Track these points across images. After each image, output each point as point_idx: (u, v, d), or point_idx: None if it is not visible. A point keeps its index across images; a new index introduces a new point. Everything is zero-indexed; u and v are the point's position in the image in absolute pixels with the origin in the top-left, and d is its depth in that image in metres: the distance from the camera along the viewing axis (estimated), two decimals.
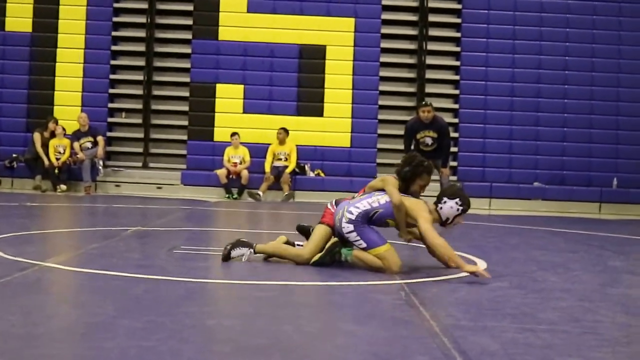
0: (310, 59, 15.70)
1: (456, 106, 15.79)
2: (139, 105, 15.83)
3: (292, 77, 15.70)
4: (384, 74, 15.87)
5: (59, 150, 14.69)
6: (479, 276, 5.16)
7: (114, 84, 15.99)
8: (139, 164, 15.67)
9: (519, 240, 8.97)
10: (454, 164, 15.09)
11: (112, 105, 15.87)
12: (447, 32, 16.18)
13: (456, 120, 15.60)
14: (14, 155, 14.96)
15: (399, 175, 5.76)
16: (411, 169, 5.72)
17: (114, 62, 15.88)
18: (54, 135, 14.78)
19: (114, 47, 15.90)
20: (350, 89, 15.69)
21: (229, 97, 15.63)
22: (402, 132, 11.64)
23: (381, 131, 15.68)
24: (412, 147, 11.10)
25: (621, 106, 15.67)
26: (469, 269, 5.19)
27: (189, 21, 15.94)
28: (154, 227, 8.65)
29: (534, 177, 15.41)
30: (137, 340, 3.29)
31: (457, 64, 15.92)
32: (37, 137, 14.67)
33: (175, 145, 15.87)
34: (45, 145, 14.67)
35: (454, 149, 15.04)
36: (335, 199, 6.02)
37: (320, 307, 4.56)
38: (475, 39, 15.84)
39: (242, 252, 5.70)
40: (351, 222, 5.53)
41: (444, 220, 5.58)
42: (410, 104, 15.87)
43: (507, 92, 15.70)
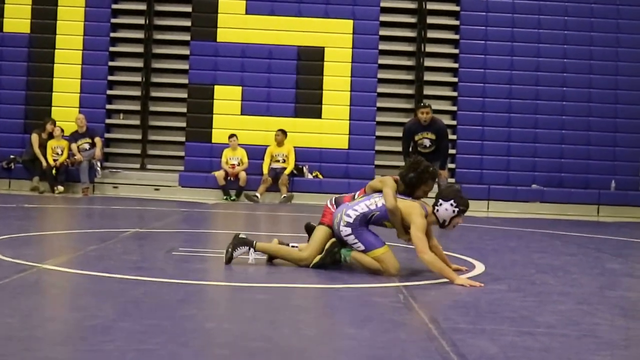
0: (308, 61, 15.70)
1: (454, 108, 15.81)
2: (136, 106, 15.82)
3: (291, 78, 15.70)
4: (382, 75, 15.88)
5: (56, 151, 14.68)
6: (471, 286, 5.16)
7: (112, 85, 15.98)
8: (137, 166, 15.66)
9: (517, 242, 8.97)
10: (451, 166, 15.09)
11: (110, 106, 15.87)
12: (445, 34, 16.20)
13: (454, 122, 15.61)
14: (12, 156, 14.94)
15: (403, 180, 5.74)
16: (416, 175, 5.70)
17: (112, 63, 15.88)
18: (51, 136, 14.78)
19: (112, 49, 15.89)
20: (348, 90, 15.70)
21: (227, 99, 15.63)
22: (401, 134, 11.64)
23: (379, 133, 15.68)
24: (410, 149, 11.11)
25: (619, 108, 15.69)
26: (459, 282, 5.17)
27: (187, 23, 15.94)
28: (152, 229, 8.64)
29: (532, 180, 15.43)
30: (136, 343, 3.29)
31: (456, 66, 15.93)
32: (34, 139, 14.65)
33: (173, 146, 15.87)
34: (43, 146, 14.66)
35: (452, 150, 15.03)
36: (334, 197, 6.02)
37: (318, 310, 4.56)
38: (473, 41, 15.85)
39: (243, 250, 5.68)
40: (349, 225, 5.54)
41: (442, 222, 5.58)
42: (408, 105, 15.88)
43: (505, 94, 15.72)
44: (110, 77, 15.83)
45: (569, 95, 15.73)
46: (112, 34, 15.90)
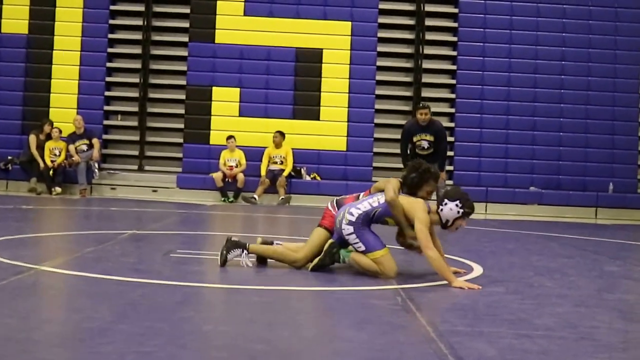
0: (306, 63, 15.70)
1: (452, 110, 15.81)
2: (134, 108, 15.80)
3: (289, 80, 15.70)
4: (380, 77, 15.88)
5: (54, 152, 14.67)
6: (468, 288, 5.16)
7: (110, 86, 15.97)
8: (135, 167, 15.65)
9: (515, 245, 8.98)
10: (449, 168, 15.09)
11: (107, 107, 15.85)
12: (443, 36, 16.20)
13: (452, 124, 15.61)
14: (9, 157, 14.92)
15: (405, 181, 5.75)
16: (418, 175, 5.72)
17: (110, 64, 15.86)
18: (49, 137, 14.76)
19: (110, 50, 15.88)
20: (346, 92, 15.69)
21: (225, 100, 15.62)
22: (399, 136, 11.62)
23: (377, 135, 15.68)
24: (408, 150, 11.10)
25: (617, 111, 15.70)
26: (457, 284, 5.17)
27: (185, 24, 15.94)
28: (150, 230, 8.64)
29: (529, 182, 15.43)
30: (135, 345, 3.29)
31: (454, 68, 15.94)
32: (32, 140, 14.63)
33: (171, 148, 15.86)
34: (40, 147, 14.64)
35: (450, 153, 15.03)
36: (335, 199, 6.01)
37: (317, 312, 4.56)
38: (471, 43, 15.86)
39: (237, 253, 5.71)
40: (351, 224, 5.53)
41: (444, 222, 5.56)
42: (406, 108, 15.89)
43: (503, 96, 15.73)
44: (108, 79, 15.82)
45: (567, 97, 15.74)
46: (110, 35, 15.88)
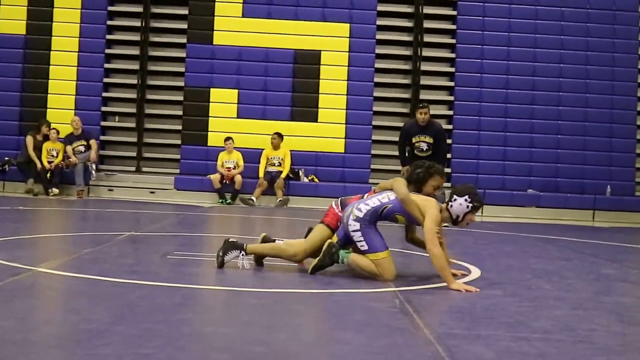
0: (305, 64, 15.70)
1: (450, 112, 15.82)
2: (132, 109, 15.79)
3: (287, 82, 15.70)
4: (378, 79, 15.89)
5: (51, 153, 14.65)
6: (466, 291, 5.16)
7: (108, 87, 15.96)
8: (132, 168, 15.64)
9: (513, 247, 8.97)
10: (447, 170, 15.09)
11: (105, 108, 15.84)
12: (441, 38, 16.22)
13: (450, 126, 15.61)
14: (6, 158, 14.90)
15: (410, 179, 5.76)
16: (423, 170, 5.77)
17: (107, 65, 15.86)
18: (46, 138, 14.73)
19: (108, 51, 15.87)
20: (344, 94, 15.69)
21: (223, 102, 15.61)
22: (397, 138, 11.61)
23: (375, 137, 15.69)
24: (406, 152, 11.10)
25: (615, 114, 15.72)
26: (455, 286, 5.18)
27: (183, 25, 15.93)
28: (148, 232, 8.63)
29: (527, 184, 15.45)
30: (133, 347, 3.28)
31: (452, 70, 15.95)
32: (29, 141, 14.61)
33: (168, 149, 15.85)
34: (37, 148, 14.62)
35: (448, 155, 15.01)
36: (340, 199, 6.00)
37: (315, 314, 4.55)
38: (470, 45, 15.87)
39: (234, 254, 5.70)
40: (358, 220, 5.52)
41: (455, 218, 5.56)
42: (404, 110, 15.90)
43: (501, 98, 15.74)
44: (106, 79, 15.81)
45: (565, 100, 15.76)
46: (108, 36, 15.87)
